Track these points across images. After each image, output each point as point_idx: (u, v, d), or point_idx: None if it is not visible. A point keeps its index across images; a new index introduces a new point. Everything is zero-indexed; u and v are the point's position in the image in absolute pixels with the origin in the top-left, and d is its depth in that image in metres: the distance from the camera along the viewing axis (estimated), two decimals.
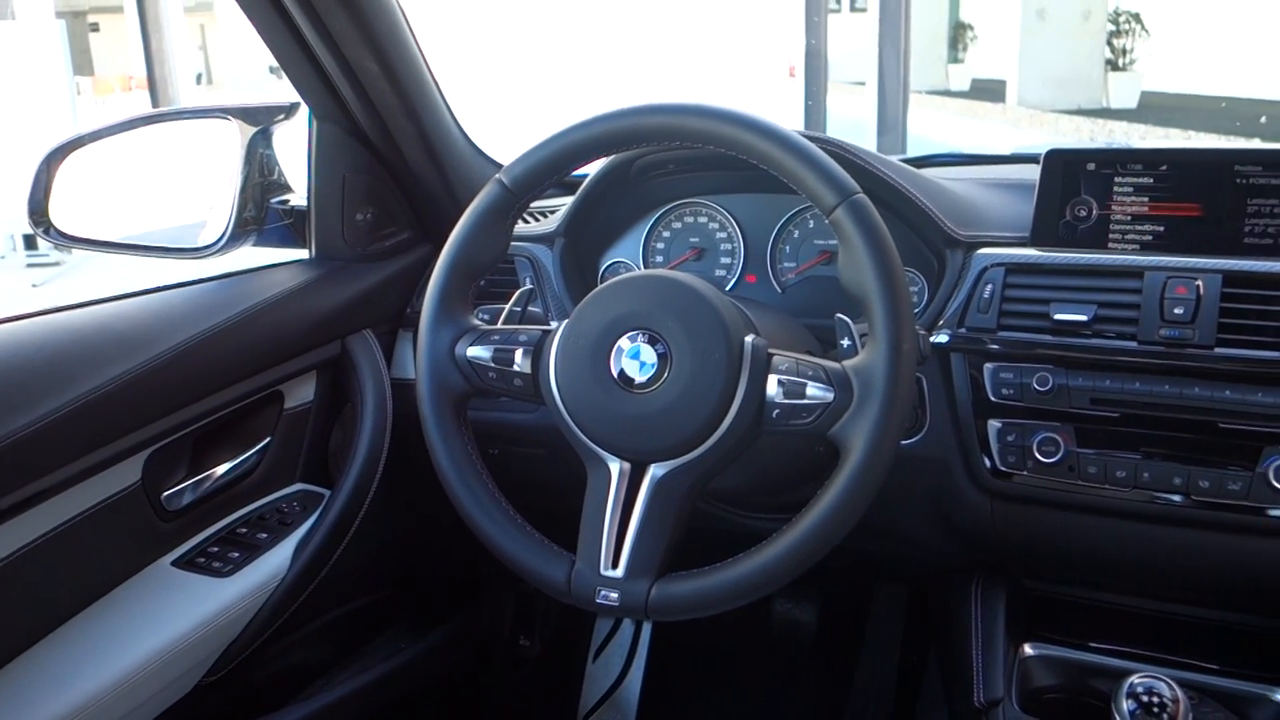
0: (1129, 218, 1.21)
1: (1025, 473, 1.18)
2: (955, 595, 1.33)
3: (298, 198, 1.45)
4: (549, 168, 1.06)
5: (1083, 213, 1.23)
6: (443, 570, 1.68)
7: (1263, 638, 1.23)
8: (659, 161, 1.35)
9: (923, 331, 1.06)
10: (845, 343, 1.00)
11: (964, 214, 1.27)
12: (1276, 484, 1.08)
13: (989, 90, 14.47)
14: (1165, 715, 0.95)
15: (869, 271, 0.95)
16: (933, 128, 13.14)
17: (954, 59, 16.93)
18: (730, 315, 1.01)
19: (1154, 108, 12.14)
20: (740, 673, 1.96)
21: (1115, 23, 12.75)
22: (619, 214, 1.45)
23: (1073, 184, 1.23)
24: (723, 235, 1.42)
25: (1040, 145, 1.27)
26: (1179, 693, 0.96)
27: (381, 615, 1.57)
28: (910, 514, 1.31)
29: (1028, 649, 1.27)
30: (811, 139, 1.11)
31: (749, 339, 0.99)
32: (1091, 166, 1.23)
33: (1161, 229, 1.20)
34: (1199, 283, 1.12)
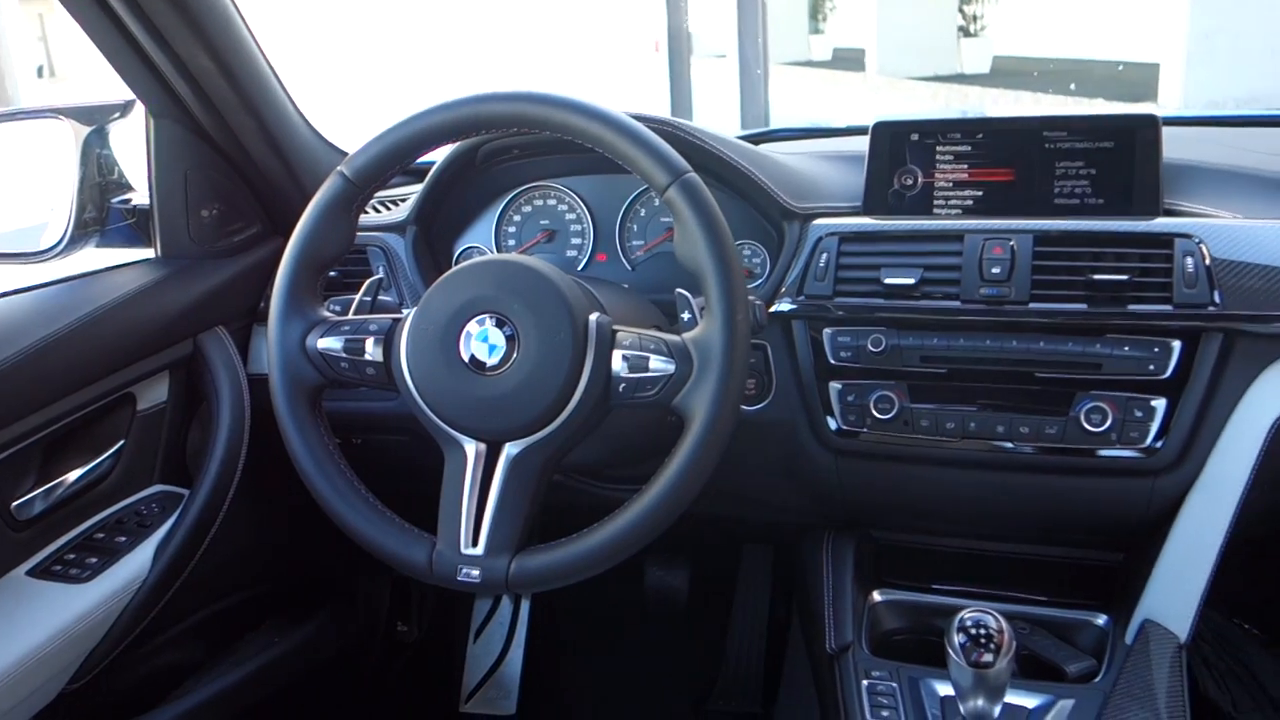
0: (951, 184, 1.29)
1: (865, 430, 1.25)
2: (809, 550, 1.40)
3: (140, 196, 1.43)
4: (390, 158, 1.07)
5: (909, 181, 1.30)
6: (315, 561, 1.68)
7: (1085, 569, 1.33)
8: (504, 147, 1.37)
9: (758, 301, 1.11)
10: (685, 316, 1.05)
11: (800, 187, 1.33)
12: (1087, 426, 1.17)
13: (850, 59, 14.77)
14: (992, 645, 1.02)
15: (702, 247, 1.00)
16: (797, 97, 13.38)
17: (815, 29, 17.23)
18: (574, 295, 1.04)
19: (1006, 72, 12.58)
20: (618, 641, 2.01)
21: None
22: (469, 200, 1.46)
23: (899, 154, 1.30)
24: (572, 217, 1.45)
25: (895, 114, 1.33)
26: (1004, 624, 1.03)
27: (254, 611, 1.57)
28: (763, 476, 1.37)
29: (876, 595, 1.34)
30: (646, 120, 1.15)
31: (594, 317, 1.03)
32: (915, 137, 1.30)
33: (980, 194, 1.28)
34: (1013, 243, 1.20)
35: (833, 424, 1.27)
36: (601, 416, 1.07)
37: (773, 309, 1.27)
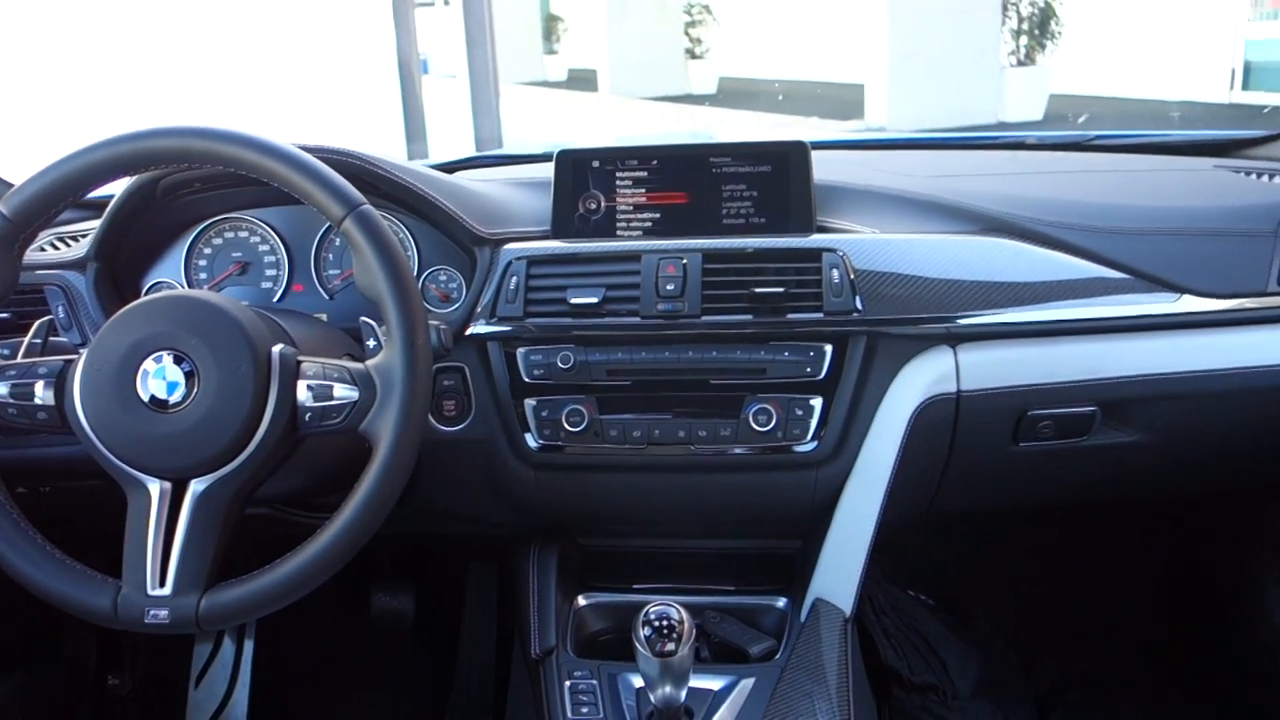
0: (631, 208, 1.37)
1: (559, 443, 1.31)
2: (517, 562, 1.45)
3: None
4: (51, 195, 1.05)
5: (593, 206, 1.38)
6: (4, 619, 1.58)
7: (770, 558, 1.44)
8: (185, 180, 1.35)
9: (442, 326, 1.16)
10: (371, 343, 1.08)
11: (490, 213, 1.38)
12: (755, 426, 1.28)
13: (585, 79, 15.07)
14: (674, 635, 1.10)
15: (380, 277, 1.04)
16: (533, 117, 13.53)
17: (549, 50, 17.46)
18: (255, 328, 1.05)
19: (731, 93, 13.20)
20: (348, 669, 2.00)
21: (689, 13, 13.72)
22: (155, 234, 1.43)
23: (582, 180, 1.38)
24: (265, 248, 1.44)
25: (635, 137, 1.40)
26: (685, 615, 1.11)
27: None
28: (470, 494, 1.41)
29: (581, 600, 1.40)
30: (322, 152, 1.17)
31: (276, 349, 1.04)
32: (596, 164, 1.38)
33: (658, 216, 1.37)
34: (684, 261, 1.29)
35: (531, 441, 1.32)
36: (291, 446, 1.08)
37: (469, 331, 1.32)
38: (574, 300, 1.30)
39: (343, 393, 1.03)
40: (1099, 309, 1.31)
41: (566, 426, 1.30)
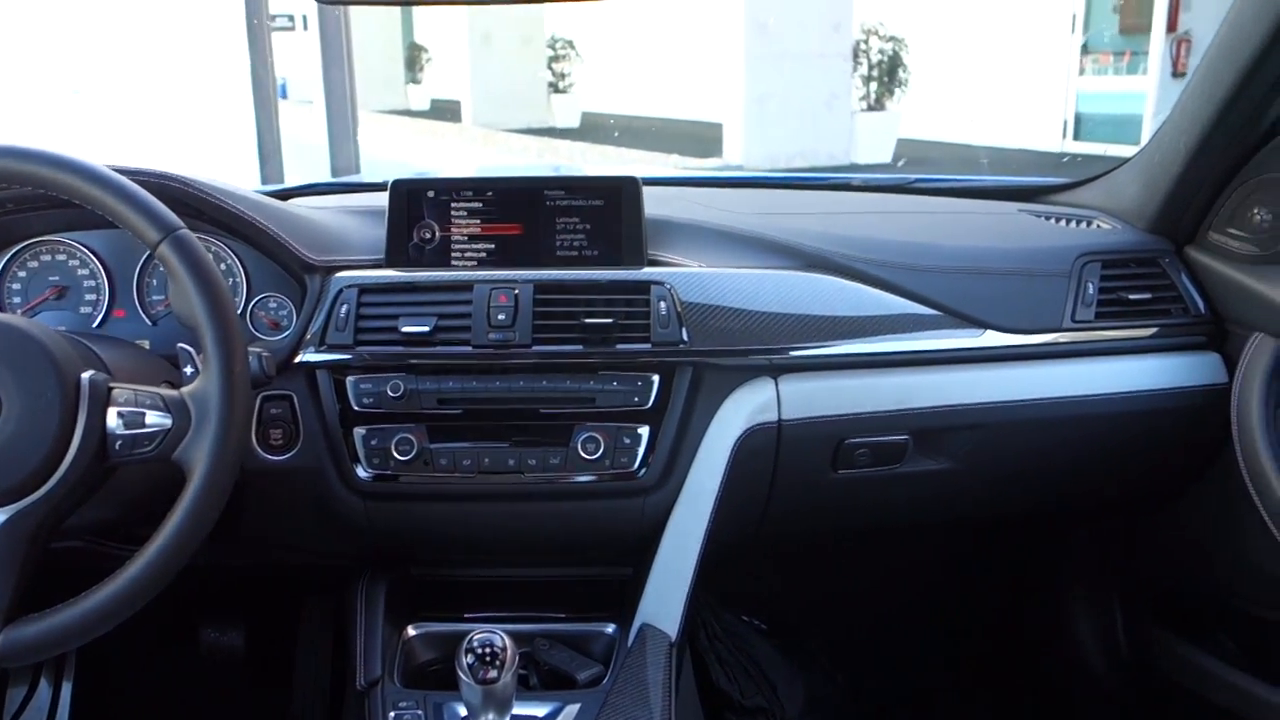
0: (466, 238, 1.39)
1: (389, 472, 1.31)
2: (347, 592, 1.43)
3: None
4: None
5: (427, 235, 1.38)
6: None
7: (602, 585, 1.46)
8: None
9: (264, 353, 1.14)
10: (188, 370, 1.07)
11: (322, 240, 1.37)
12: (583, 454, 1.30)
13: (448, 110, 15.00)
14: (497, 662, 1.10)
15: (196, 303, 1.03)
16: (395, 146, 13.40)
17: (412, 80, 17.30)
18: (63, 353, 1.03)
19: (594, 127, 13.33)
20: (175, 709, 1.93)
21: (553, 48, 13.82)
22: None
23: (417, 210, 1.38)
24: (85, 272, 1.40)
25: (496, 167, 1.40)
26: (508, 642, 1.12)
27: None
28: (299, 523, 1.39)
29: (411, 630, 1.39)
30: (139, 175, 1.15)
31: (86, 375, 1.01)
32: (431, 194, 1.39)
33: (493, 246, 1.39)
34: (516, 291, 1.31)
35: (361, 471, 1.31)
36: (101, 476, 1.05)
37: (297, 359, 1.31)
38: (405, 329, 1.30)
39: (155, 420, 1.02)
40: (910, 343, 1.38)
41: (396, 455, 1.30)
